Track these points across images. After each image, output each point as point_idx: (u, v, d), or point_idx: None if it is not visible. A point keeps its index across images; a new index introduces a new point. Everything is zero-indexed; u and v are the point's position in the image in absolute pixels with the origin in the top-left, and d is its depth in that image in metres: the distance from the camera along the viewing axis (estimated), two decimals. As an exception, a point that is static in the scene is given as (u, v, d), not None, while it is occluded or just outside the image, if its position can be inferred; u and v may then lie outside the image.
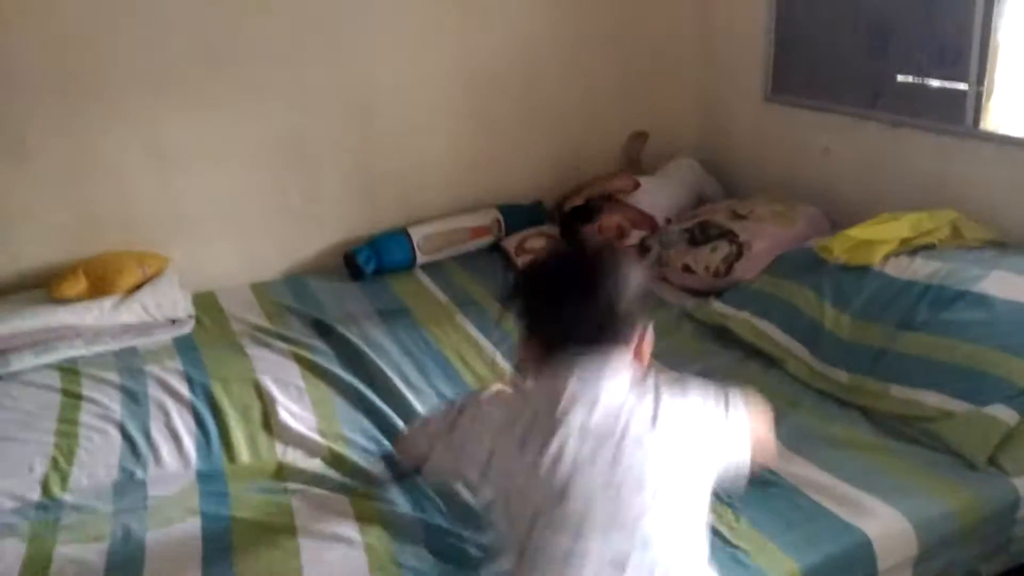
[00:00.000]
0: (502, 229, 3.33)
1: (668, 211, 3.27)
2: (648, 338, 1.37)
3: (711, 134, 3.68)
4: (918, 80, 2.86)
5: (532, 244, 3.17)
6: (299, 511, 1.78)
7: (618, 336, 1.31)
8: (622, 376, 1.30)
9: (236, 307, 2.86)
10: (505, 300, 2.84)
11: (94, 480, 1.95)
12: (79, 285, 2.63)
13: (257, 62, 2.94)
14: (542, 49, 3.37)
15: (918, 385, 2.05)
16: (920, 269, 2.30)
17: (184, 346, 2.60)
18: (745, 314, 2.52)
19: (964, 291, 2.17)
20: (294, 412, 2.18)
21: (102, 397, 2.30)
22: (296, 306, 2.86)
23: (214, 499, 1.85)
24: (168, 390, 2.33)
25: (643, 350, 1.36)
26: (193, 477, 1.95)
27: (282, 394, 2.27)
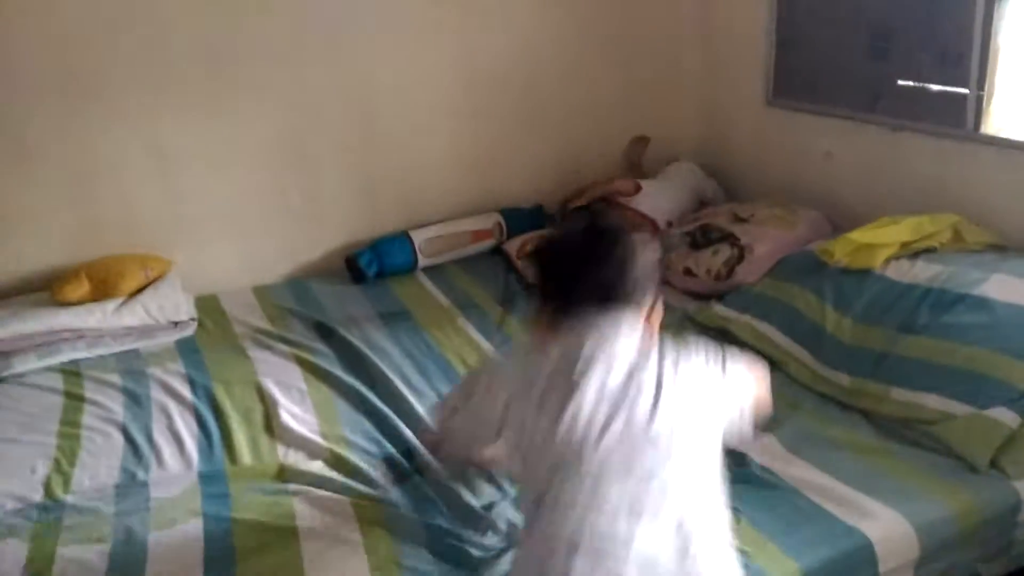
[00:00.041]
0: (503, 232, 3.33)
1: (669, 214, 3.28)
2: (658, 309, 1.44)
3: (712, 138, 3.68)
4: (919, 84, 2.86)
5: (533, 247, 3.17)
6: (300, 513, 1.79)
7: (631, 300, 1.38)
8: (634, 337, 1.36)
9: (238, 310, 2.87)
10: (506, 303, 2.87)
11: (96, 481, 1.95)
12: (82, 288, 2.64)
13: (258, 63, 2.95)
14: (543, 52, 3.38)
15: (919, 388, 2.05)
16: (921, 272, 2.30)
17: (186, 348, 2.61)
18: (746, 317, 2.52)
19: (965, 294, 2.17)
20: (296, 414, 2.19)
21: (104, 399, 2.30)
22: (298, 309, 2.86)
23: (216, 501, 1.85)
24: (170, 392, 2.33)
25: (653, 319, 1.43)
26: (195, 479, 1.96)
27: (284, 396, 2.28)
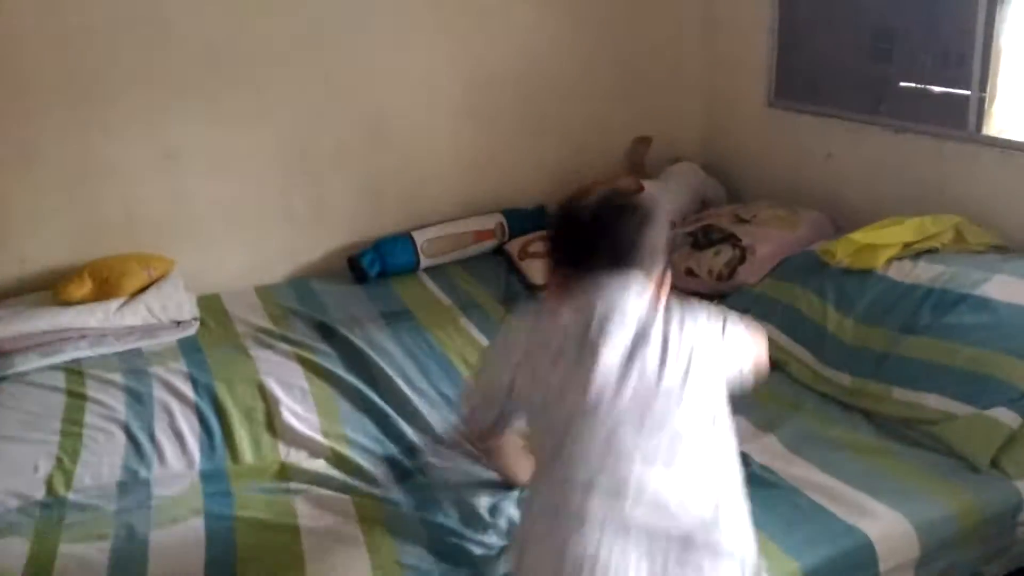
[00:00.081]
0: (505, 233, 3.33)
1: (671, 215, 3.27)
2: (667, 277, 1.49)
3: (715, 139, 3.69)
4: (921, 86, 2.86)
5: (535, 248, 3.17)
6: (302, 511, 1.79)
7: (642, 267, 1.42)
8: (645, 297, 1.41)
9: (241, 309, 2.87)
10: (508, 303, 2.87)
11: (98, 480, 1.95)
12: (84, 287, 2.65)
13: (261, 66, 2.95)
14: (545, 53, 3.38)
15: (921, 388, 2.06)
16: (923, 273, 2.30)
17: (188, 348, 2.61)
18: (748, 318, 2.52)
19: (967, 295, 2.17)
20: (298, 413, 2.19)
21: (107, 398, 2.30)
22: (300, 309, 2.87)
23: (217, 499, 1.86)
24: (172, 391, 2.34)
25: (662, 286, 1.48)
26: (197, 477, 1.96)
27: (286, 395, 2.28)
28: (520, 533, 1.45)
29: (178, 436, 2.12)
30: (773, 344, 2.38)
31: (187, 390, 2.34)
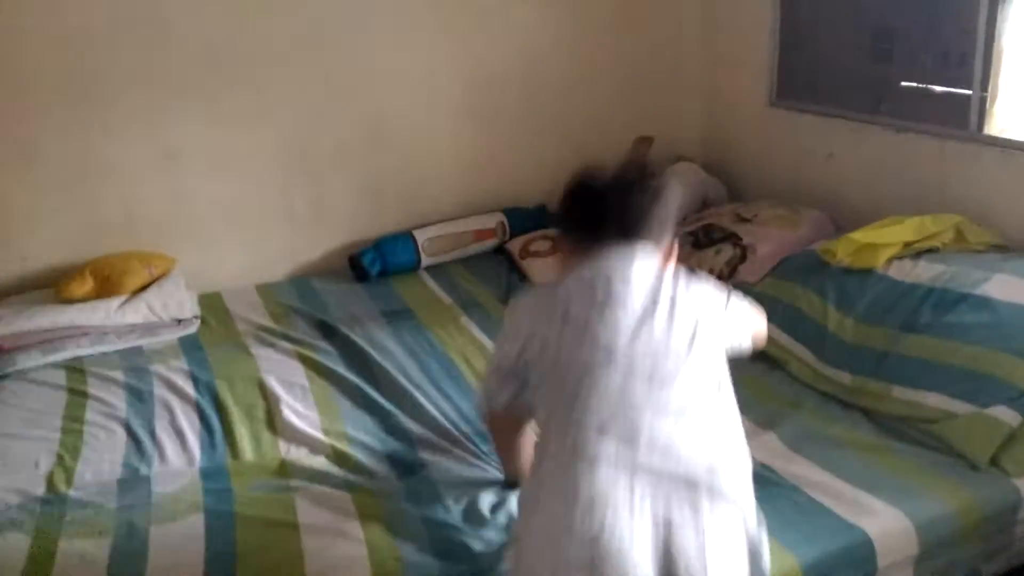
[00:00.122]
0: (506, 232, 3.34)
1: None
2: (675, 249, 1.55)
3: (716, 138, 3.69)
4: (922, 85, 2.86)
5: (536, 247, 3.18)
6: (302, 508, 1.79)
7: (651, 237, 1.49)
8: (651, 263, 1.47)
9: (242, 308, 2.88)
10: (509, 301, 2.86)
11: (99, 477, 1.96)
12: (86, 285, 2.65)
13: (262, 65, 2.96)
14: (546, 52, 3.38)
15: (921, 387, 2.06)
16: (923, 272, 2.30)
17: (189, 346, 2.61)
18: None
19: (967, 294, 2.17)
20: (298, 411, 2.20)
21: (108, 395, 2.31)
22: (301, 307, 2.87)
23: (218, 495, 1.86)
24: (173, 389, 2.34)
25: (671, 255, 1.55)
26: (197, 474, 1.96)
27: (286, 393, 2.28)
28: (530, 479, 1.49)
29: (179, 433, 2.13)
30: (773, 343, 2.40)
31: (188, 388, 2.34)
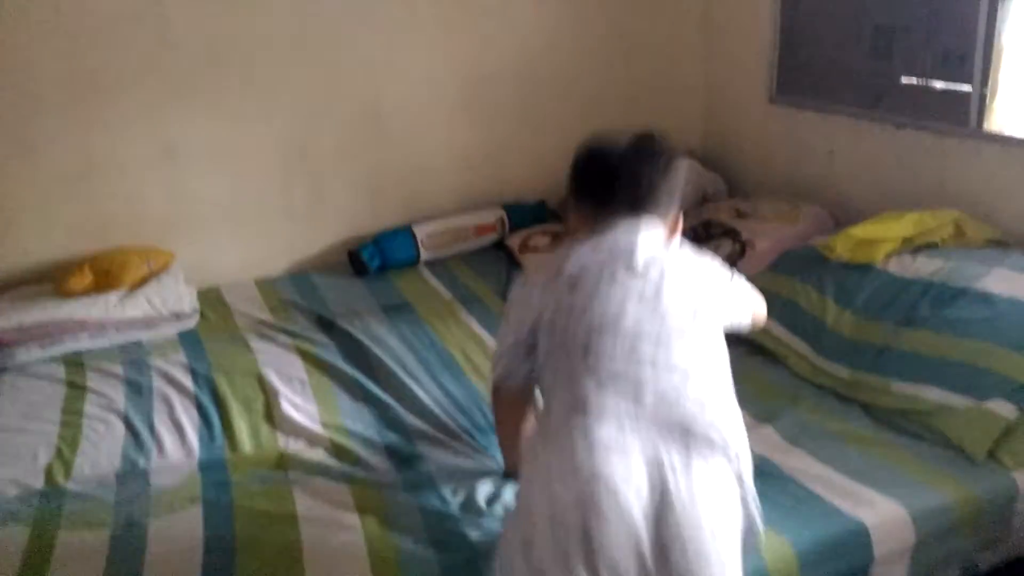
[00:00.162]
0: (506, 227, 3.34)
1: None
2: (679, 223, 1.60)
3: (715, 134, 3.69)
4: (922, 82, 2.86)
5: (536, 242, 3.18)
6: (300, 500, 1.79)
7: (658, 208, 1.53)
8: (657, 235, 1.51)
9: (241, 302, 2.88)
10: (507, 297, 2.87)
11: (97, 469, 1.96)
12: (85, 280, 2.66)
13: (262, 62, 2.96)
14: (545, 48, 3.39)
15: (919, 381, 2.06)
16: (922, 267, 2.30)
17: (188, 340, 2.62)
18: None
19: (966, 288, 2.17)
20: (296, 404, 2.20)
21: (106, 389, 2.31)
22: (300, 302, 2.87)
23: (216, 488, 1.86)
24: (172, 382, 2.34)
25: (676, 228, 1.59)
26: (196, 467, 1.96)
27: (285, 386, 2.28)
28: (532, 437, 1.52)
29: (177, 427, 2.13)
30: (772, 337, 2.40)
31: (187, 381, 2.34)
